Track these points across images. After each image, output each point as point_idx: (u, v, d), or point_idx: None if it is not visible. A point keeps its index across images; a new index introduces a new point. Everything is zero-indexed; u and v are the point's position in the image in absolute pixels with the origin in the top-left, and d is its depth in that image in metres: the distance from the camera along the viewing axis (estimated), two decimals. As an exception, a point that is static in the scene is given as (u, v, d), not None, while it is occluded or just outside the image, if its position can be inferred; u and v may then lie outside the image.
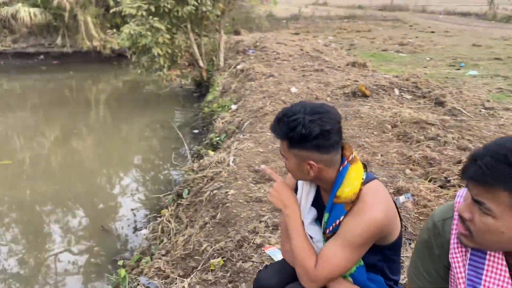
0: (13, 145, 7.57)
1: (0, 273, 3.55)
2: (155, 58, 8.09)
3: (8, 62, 14.58)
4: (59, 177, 5.98)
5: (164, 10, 7.69)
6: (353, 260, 1.34)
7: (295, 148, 1.33)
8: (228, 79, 7.93)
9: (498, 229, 0.91)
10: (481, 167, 0.89)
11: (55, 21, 14.21)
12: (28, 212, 4.80)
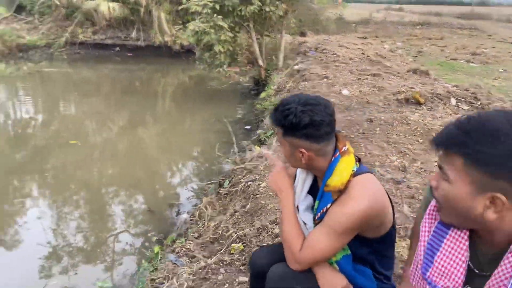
0: (85, 127, 8.23)
1: (66, 246, 3.90)
2: (217, 55, 8.39)
3: (88, 52, 15.79)
4: (122, 161, 6.43)
5: (228, 9, 7.96)
6: (335, 247, 1.40)
7: (288, 135, 1.43)
8: (284, 79, 8.04)
9: (452, 193, 0.98)
10: (443, 133, 0.98)
11: (132, 15, 15.16)
12: (91, 190, 5.22)
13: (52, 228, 4.14)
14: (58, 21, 16.17)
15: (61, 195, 4.98)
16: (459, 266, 1.06)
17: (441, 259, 1.08)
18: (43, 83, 12.09)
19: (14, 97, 10.85)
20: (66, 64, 14.43)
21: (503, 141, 0.90)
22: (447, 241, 1.08)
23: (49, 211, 4.56)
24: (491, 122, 0.93)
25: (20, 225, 4.21)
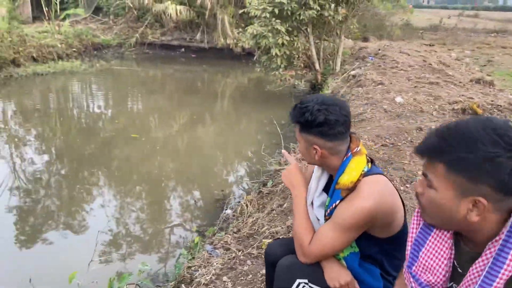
0: (148, 123, 8.74)
1: (121, 232, 4.23)
2: (273, 58, 8.54)
3: (155, 52, 16.63)
4: (179, 156, 6.77)
5: (287, 13, 8.08)
6: (341, 242, 1.46)
7: (304, 132, 1.52)
8: (339, 84, 8.01)
9: (437, 199, 1.02)
10: (425, 142, 1.03)
11: (197, 18, 15.77)
12: (147, 181, 5.55)
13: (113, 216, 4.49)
14: (130, 22, 17.21)
15: (121, 185, 5.37)
16: (441, 263, 1.10)
17: (425, 255, 1.13)
18: (113, 80, 12.94)
19: (87, 92, 11.73)
20: (135, 63, 15.31)
21: (480, 148, 0.93)
22: (431, 238, 1.13)
23: (111, 200, 4.95)
24: (469, 129, 0.97)
25: (86, 211, 4.58)
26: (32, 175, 5.46)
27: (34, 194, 4.90)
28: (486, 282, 0.98)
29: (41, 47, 13.19)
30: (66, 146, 6.89)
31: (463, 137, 0.96)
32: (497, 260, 0.98)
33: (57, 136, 7.46)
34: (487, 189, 0.94)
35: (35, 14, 18.44)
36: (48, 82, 11.70)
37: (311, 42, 9.06)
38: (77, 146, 6.77)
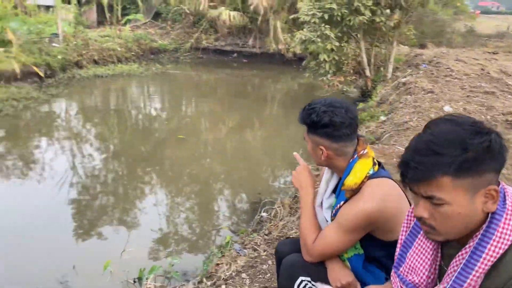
0: (198, 125, 9.03)
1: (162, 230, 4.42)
2: (322, 64, 8.51)
3: (209, 56, 17.09)
4: (226, 158, 6.92)
5: (337, 19, 8.02)
6: (343, 242, 1.47)
7: (311, 133, 1.55)
8: (388, 91, 7.82)
9: (455, 212, 0.98)
10: (416, 167, 0.98)
11: (250, 24, 16.03)
12: (193, 182, 5.74)
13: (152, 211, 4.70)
14: (186, 28, 17.81)
15: (165, 183, 5.60)
16: (425, 263, 1.11)
17: (411, 256, 1.15)
18: (167, 83, 13.46)
19: (143, 94, 12.30)
20: (189, 67, 15.82)
21: (472, 143, 0.95)
22: (418, 240, 1.14)
23: (153, 196, 5.18)
24: (452, 133, 0.97)
25: (139, 209, 4.80)
26: (90, 171, 5.82)
27: (91, 189, 5.22)
28: (462, 274, 0.99)
29: (103, 50, 13.98)
30: (121, 144, 7.28)
31: (453, 142, 0.96)
32: (474, 254, 0.99)
33: (114, 135, 7.89)
34: (491, 175, 0.97)
35: (99, 19, 19.60)
36: (108, 83, 12.39)
37: (362, 48, 8.92)
38: (131, 144, 7.14)
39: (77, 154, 6.63)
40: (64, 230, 4.17)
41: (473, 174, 0.96)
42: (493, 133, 0.99)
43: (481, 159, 0.96)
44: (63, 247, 3.87)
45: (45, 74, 11.33)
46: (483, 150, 0.96)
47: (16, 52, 10.72)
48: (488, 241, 0.97)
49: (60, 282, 3.17)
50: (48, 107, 9.39)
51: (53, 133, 7.76)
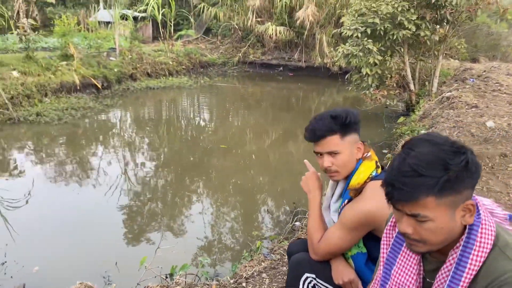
0: (243, 136, 9.31)
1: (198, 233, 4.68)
2: (364, 77, 8.54)
3: (255, 70, 17.48)
4: (266, 169, 7.08)
5: (380, 33, 8.05)
6: (346, 241, 1.60)
7: (348, 134, 1.64)
8: (431, 105, 7.71)
9: (438, 227, 1.07)
10: (401, 188, 1.05)
11: (296, 38, 16.26)
12: (231, 190, 5.98)
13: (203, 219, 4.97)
14: (234, 43, 18.37)
15: (212, 192, 5.86)
16: (411, 278, 1.19)
17: (396, 273, 1.22)
18: (215, 95, 13.93)
19: (191, 105, 12.82)
20: (236, 80, 16.27)
21: (452, 163, 1.03)
22: (401, 256, 1.22)
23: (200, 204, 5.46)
24: (433, 155, 1.04)
25: (186, 216, 5.07)
26: (141, 178, 6.22)
27: (138, 194, 5.58)
28: (453, 284, 1.08)
29: (155, 64, 14.74)
30: (170, 153, 7.68)
31: (434, 164, 1.03)
32: (459, 265, 1.08)
33: (164, 144, 8.32)
34: (468, 191, 1.07)
35: (155, 34, 20.64)
36: (159, 95, 13.04)
37: (406, 62, 8.86)
38: (179, 154, 7.49)
39: (129, 161, 7.09)
40: (111, 229, 4.55)
41: (454, 192, 1.04)
42: (468, 151, 1.06)
43: (461, 178, 1.03)
44: (109, 243, 4.22)
45: (102, 85, 12.15)
46: (462, 169, 1.03)
47: (77, 65, 11.59)
48: (470, 251, 1.06)
49: (103, 273, 3.49)
50: (103, 116, 10.06)
51: (108, 141, 8.33)
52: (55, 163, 6.70)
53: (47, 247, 4.09)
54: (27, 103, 9.46)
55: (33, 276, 3.59)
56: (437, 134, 1.12)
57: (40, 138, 8.00)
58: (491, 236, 1.07)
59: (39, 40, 13.00)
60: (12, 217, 4.71)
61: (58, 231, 4.43)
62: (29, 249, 4.03)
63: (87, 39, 14.01)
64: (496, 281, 1.01)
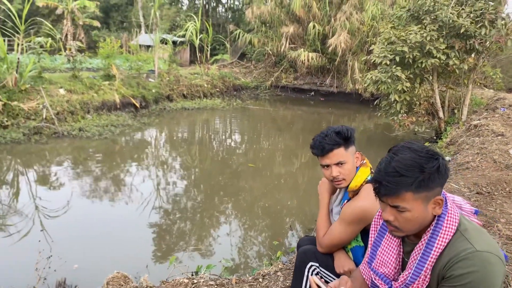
0: (272, 158, 9.57)
1: (236, 248, 4.97)
2: (393, 104, 8.71)
3: (287, 94, 17.91)
4: (295, 192, 7.23)
5: (408, 61, 8.25)
6: (345, 234, 1.85)
7: (349, 146, 1.91)
8: (459, 133, 7.77)
9: (414, 216, 1.32)
10: (387, 185, 1.30)
11: (328, 64, 16.62)
12: (259, 206, 6.23)
13: (231, 229, 5.26)
14: (267, 67, 18.94)
15: (242, 209, 6.11)
16: (392, 257, 1.44)
17: (381, 253, 1.48)
18: (246, 117, 14.37)
19: (223, 126, 13.28)
20: (268, 104, 16.70)
21: (427, 167, 1.28)
22: (385, 240, 1.48)
23: (228, 216, 5.76)
24: (412, 160, 1.29)
25: (214, 238, 5.23)
26: (172, 193, 6.57)
27: (172, 208, 5.91)
28: (422, 260, 1.33)
29: (191, 86, 15.41)
30: (202, 173, 7.96)
31: (413, 167, 1.29)
32: (428, 245, 1.33)
33: (196, 163, 8.68)
34: (439, 188, 1.32)
35: (192, 58, 21.55)
36: (193, 116, 13.60)
37: (435, 90, 8.98)
38: (212, 175, 7.77)
39: (161, 178, 7.48)
40: (144, 235, 4.90)
41: (427, 189, 1.28)
42: (440, 157, 1.31)
43: (433, 178, 1.27)
44: (141, 247, 4.56)
45: (140, 105, 12.83)
46: (435, 171, 1.27)
47: (118, 85, 12.34)
48: (437, 235, 1.31)
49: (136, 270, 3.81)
50: (140, 134, 10.63)
51: (142, 158, 8.81)
52: (93, 176, 7.19)
53: (86, 249, 4.47)
54: (71, 119, 10.16)
55: (73, 272, 3.95)
56: (417, 143, 1.39)
57: (81, 152, 8.57)
58: (455, 223, 1.31)
59: (84, 61, 13.89)
60: (54, 223, 5.17)
61: (95, 236, 4.81)
62: (70, 250, 4.41)
63: (129, 61, 14.86)
64: (454, 258, 1.25)
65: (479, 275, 1.21)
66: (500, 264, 1.24)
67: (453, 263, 1.25)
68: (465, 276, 1.22)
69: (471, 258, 1.23)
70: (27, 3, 10.45)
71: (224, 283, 2.58)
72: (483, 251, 1.24)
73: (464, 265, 1.23)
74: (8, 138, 8.49)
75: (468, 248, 1.25)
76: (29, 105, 9.49)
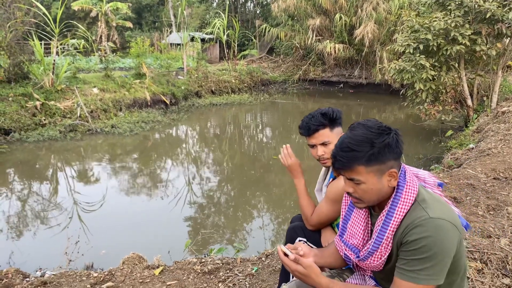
0: (301, 152, 9.59)
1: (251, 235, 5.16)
2: (418, 93, 8.60)
3: (315, 87, 17.85)
4: None
5: (433, 49, 8.11)
6: (332, 211, 1.95)
7: (335, 126, 2.01)
8: (486, 120, 7.58)
9: (369, 188, 1.43)
10: (340, 160, 1.42)
11: (356, 55, 16.43)
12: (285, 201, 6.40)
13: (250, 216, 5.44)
14: (295, 61, 18.93)
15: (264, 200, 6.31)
16: (359, 229, 1.55)
17: (350, 226, 1.59)
18: (275, 111, 14.48)
19: (251, 121, 13.46)
20: (295, 97, 16.73)
21: (377, 142, 1.38)
22: (354, 214, 1.58)
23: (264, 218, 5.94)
24: (363, 135, 1.39)
25: (247, 231, 5.31)
26: (200, 186, 6.80)
27: (206, 209, 6.01)
28: (382, 229, 1.44)
29: (219, 82, 15.68)
30: (231, 168, 8.11)
31: (363, 142, 1.40)
32: (388, 215, 1.43)
33: (226, 158, 8.86)
34: (391, 162, 1.41)
35: (221, 55, 21.84)
36: (222, 111, 13.85)
37: (463, 77, 8.77)
38: (243, 170, 7.93)
39: (192, 171, 7.74)
40: (167, 225, 5.16)
41: (379, 162, 1.37)
42: (392, 131, 1.40)
43: (383, 152, 1.37)
44: (163, 236, 4.81)
45: (170, 102, 13.22)
46: (385, 145, 1.36)
47: (148, 83, 12.75)
48: (396, 205, 1.40)
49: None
50: (170, 130, 10.98)
51: (173, 153, 9.12)
52: (126, 171, 7.55)
53: (114, 238, 4.77)
54: (104, 116, 10.63)
55: (100, 258, 4.24)
56: (373, 120, 1.48)
57: (114, 148, 8.99)
58: (413, 194, 1.41)
59: (117, 60, 14.46)
60: (89, 216, 5.54)
61: (122, 226, 5.12)
62: (98, 238, 4.73)
63: (159, 59, 15.29)
64: (410, 225, 1.35)
65: (432, 239, 1.30)
66: (454, 230, 1.32)
67: (408, 230, 1.35)
68: (419, 241, 1.31)
69: (425, 225, 1.32)
70: (60, 8, 11.00)
71: (230, 262, 2.75)
72: (436, 217, 1.32)
73: (418, 231, 1.32)
74: (46, 136, 9.02)
75: (423, 215, 1.34)
76: (64, 104, 10.02)
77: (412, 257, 1.33)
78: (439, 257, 1.30)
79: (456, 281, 1.44)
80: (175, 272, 2.63)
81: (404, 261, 1.35)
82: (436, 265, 1.31)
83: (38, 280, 2.51)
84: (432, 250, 1.30)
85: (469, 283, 2.30)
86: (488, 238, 2.76)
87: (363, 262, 1.53)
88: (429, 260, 1.30)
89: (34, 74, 10.57)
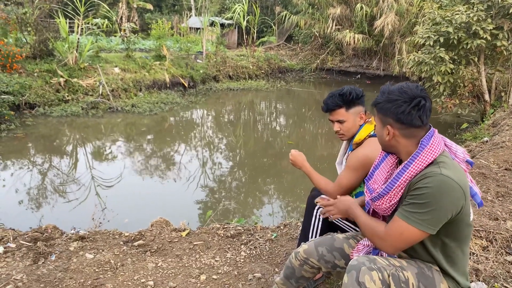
0: (314, 140, 9.78)
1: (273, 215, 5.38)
2: (435, 85, 8.65)
3: (332, 77, 17.87)
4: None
5: (453, 42, 8.14)
6: (352, 180, 2.13)
7: (353, 106, 2.16)
8: (502, 115, 7.63)
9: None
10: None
11: (375, 46, 16.39)
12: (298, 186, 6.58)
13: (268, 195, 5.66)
14: (314, 50, 18.93)
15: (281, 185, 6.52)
16: (383, 176, 1.71)
17: (377, 173, 1.75)
18: (291, 99, 14.58)
19: (267, 107, 13.61)
20: (312, 86, 16.79)
21: (391, 98, 1.55)
22: (384, 163, 1.74)
23: (275, 204, 6.15)
24: (393, 90, 1.57)
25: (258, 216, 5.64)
26: (218, 176, 6.93)
27: (217, 193, 6.15)
28: (395, 179, 1.59)
29: (237, 67, 15.81)
30: (246, 153, 8.28)
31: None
32: (404, 167, 1.59)
33: (240, 143, 9.00)
34: (391, 120, 1.58)
35: (240, 40, 21.91)
36: (238, 96, 14.02)
37: (481, 72, 8.78)
38: (255, 156, 8.06)
39: (206, 153, 7.96)
40: (187, 198, 5.39)
41: (382, 114, 1.58)
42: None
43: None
44: (184, 207, 5.06)
45: (188, 84, 13.43)
46: (389, 102, 1.55)
47: (168, 65, 12.97)
48: (413, 161, 1.54)
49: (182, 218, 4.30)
50: (188, 112, 11.20)
51: (189, 135, 9.34)
52: (143, 149, 7.80)
53: (136, 208, 5.03)
54: (124, 96, 10.90)
55: (124, 225, 4.49)
56: (412, 84, 1.65)
57: (134, 126, 9.24)
58: (433, 155, 1.54)
59: (137, 41, 14.66)
60: (108, 190, 5.79)
61: (144, 199, 5.37)
62: (122, 208, 4.98)
63: (178, 42, 15.46)
64: (422, 176, 1.50)
65: (433, 190, 1.44)
66: (459, 191, 1.45)
67: (419, 179, 1.50)
68: (422, 189, 1.47)
69: (433, 177, 1.46)
70: (86, -13, 11.21)
71: (251, 229, 2.96)
72: (446, 175, 1.45)
73: (425, 181, 1.47)
74: (68, 112, 9.32)
75: (436, 171, 1.48)
76: (87, 82, 10.29)
77: (412, 201, 1.48)
78: (434, 207, 1.44)
79: (451, 247, 1.57)
80: (200, 235, 2.85)
81: (406, 203, 1.51)
82: (429, 213, 1.45)
83: (76, 235, 2.75)
84: (430, 199, 1.44)
85: (474, 257, 2.47)
86: (495, 220, 2.91)
87: (374, 202, 1.69)
88: (425, 206, 1.45)
89: (58, 52, 10.85)
